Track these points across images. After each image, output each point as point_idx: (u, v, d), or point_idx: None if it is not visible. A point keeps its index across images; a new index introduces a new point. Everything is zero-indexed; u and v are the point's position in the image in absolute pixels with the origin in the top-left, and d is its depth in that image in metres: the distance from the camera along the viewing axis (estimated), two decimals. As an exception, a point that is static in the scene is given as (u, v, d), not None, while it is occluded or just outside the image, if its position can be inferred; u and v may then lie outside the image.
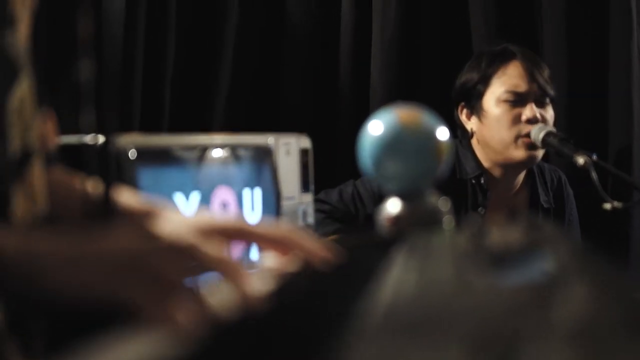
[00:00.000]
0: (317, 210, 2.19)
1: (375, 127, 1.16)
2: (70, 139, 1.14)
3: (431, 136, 1.15)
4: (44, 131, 0.89)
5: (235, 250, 0.95)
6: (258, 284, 0.75)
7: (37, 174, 0.86)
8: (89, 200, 0.85)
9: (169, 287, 0.67)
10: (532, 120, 2.22)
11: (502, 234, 0.92)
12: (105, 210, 0.84)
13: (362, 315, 0.54)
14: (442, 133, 1.16)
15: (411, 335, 0.47)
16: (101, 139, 0.88)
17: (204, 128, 2.51)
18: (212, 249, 0.76)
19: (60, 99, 1.00)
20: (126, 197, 0.96)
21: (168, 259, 0.69)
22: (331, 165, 2.53)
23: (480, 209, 2.30)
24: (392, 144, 1.15)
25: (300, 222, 1.63)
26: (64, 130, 1.01)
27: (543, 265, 0.68)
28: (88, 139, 0.87)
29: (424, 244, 0.91)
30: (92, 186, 0.85)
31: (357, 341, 0.47)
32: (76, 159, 0.93)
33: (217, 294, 0.69)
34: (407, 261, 0.80)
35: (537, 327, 0.45)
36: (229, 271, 0.75)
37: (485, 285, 0.63)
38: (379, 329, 0.50)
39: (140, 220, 0.93)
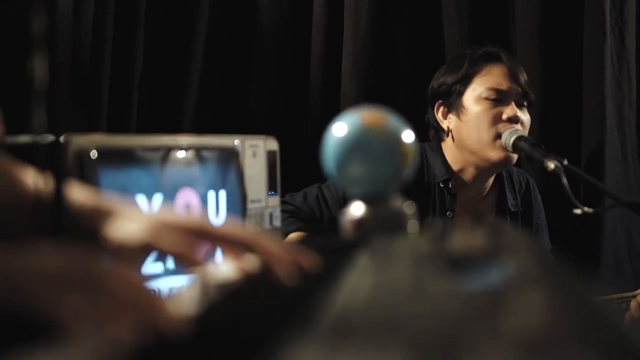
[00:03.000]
0: (281, 210, 2.17)
1: (340, 129, 1.14)
2: (22, 138, 1.11)
3: (396, 139, 1.13)
4: None
5: (199, 251, 0.91)
6: (213, 284, 0.72)
7: None
8: (38, 194, 0.82)
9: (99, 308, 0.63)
10: (512, 119, 2.20)
11: (464, 238, 0.90)
12: (57, 206, 0.81)
13: (313, 319, 0.52)
14: (408, 136, 1.14)
15: (357, 340, 0.45)
16: (53, 138, 0.85)
17: (172, 130, 2.47)
18: (170, 241, 0.73)
19: (12, 97, 0.97)
20: (79, 193, 0.93)
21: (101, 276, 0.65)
22: (300, 168, 2.51)
23: (448, 213, 2.28)
24: (356, 146, 1.13)
25: (267, 225, 1.61)
26: (16, 129, 0.98)
27: (501, 272, 0.67)
28: (39, 138, 0.84)
29: (385, 248, 0.89)
30: (42, 181, 0.82)
31: (299, 346, 0.45)
32: (27, 159, 0.90)
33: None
34: (365, 264, 0.78)
35: (484, 336, 0.44)
36: (187, 262, 0.72)
37: (440, 290, 0.62)
38: (325, 333, 0.48)
39: (93, 218, 0.90)
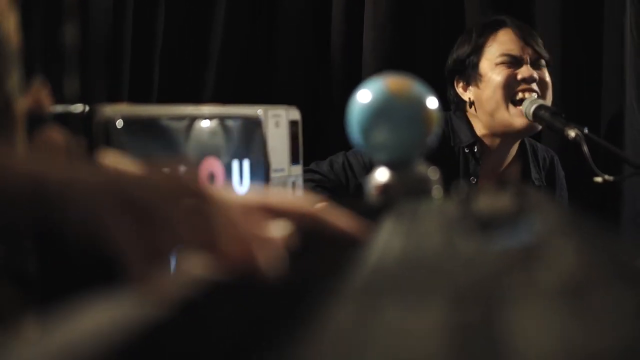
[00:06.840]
0: (307, 180, 2.19)
1: (364, 96, 1.15)
2: (55, 108, 1.12)
3: (420, 104, 1.14)
4: (39, 95, 0.87)
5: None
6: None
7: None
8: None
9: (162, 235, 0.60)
10: (528, 80, 2.24)
11: (490, 200, 0.91)
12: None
13: (345, 278, 0.53)
14: (432, 102, 1.15)
15: (393, 294, 0.47)
16: (87, 107, 0.86)
17: (193, 100, 2.48)
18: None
19: (44, 66, 0.98)
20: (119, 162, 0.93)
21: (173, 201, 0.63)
22: (323, 137, 2.52)
23: (471, 178, 2.30)
24: (381, 112, 1.13)
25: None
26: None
27: (530, 229, 0.68)
28: (73, 108, 0.84)
29: (411, 211, 0.90)
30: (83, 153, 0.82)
31: (336, 302, 0.46)
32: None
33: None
34: (394, 227, 0.79)
35: (521, 287, 0.45)
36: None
37: (472, 248, 0.63)
38: (360, 289, 0.50)
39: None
